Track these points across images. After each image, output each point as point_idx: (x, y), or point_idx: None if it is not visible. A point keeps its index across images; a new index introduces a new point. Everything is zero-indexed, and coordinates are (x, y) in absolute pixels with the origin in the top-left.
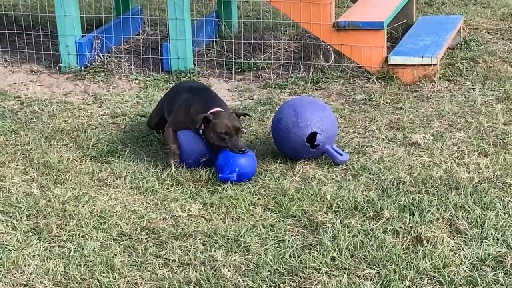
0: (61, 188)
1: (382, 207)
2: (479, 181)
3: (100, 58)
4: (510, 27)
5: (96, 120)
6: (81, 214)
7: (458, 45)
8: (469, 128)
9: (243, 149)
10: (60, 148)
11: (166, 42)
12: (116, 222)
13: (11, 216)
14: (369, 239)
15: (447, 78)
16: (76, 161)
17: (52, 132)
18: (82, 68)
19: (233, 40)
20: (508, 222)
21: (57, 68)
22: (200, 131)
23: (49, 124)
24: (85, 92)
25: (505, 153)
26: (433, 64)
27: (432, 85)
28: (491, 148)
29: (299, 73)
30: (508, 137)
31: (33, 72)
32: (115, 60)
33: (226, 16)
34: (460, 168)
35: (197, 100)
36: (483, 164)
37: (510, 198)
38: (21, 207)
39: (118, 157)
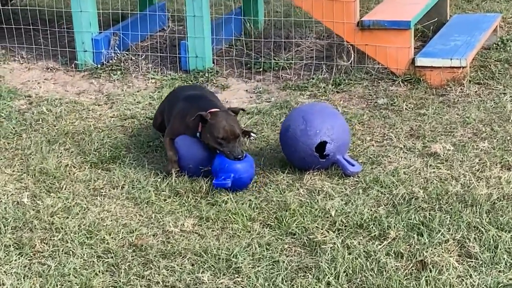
0: (53, 197)
1: (389, 226)
2: (498, 197)
3: (118, 56)
4: None
5: (104, 123)
6: (69, 227)
7: (494, 45)
8: (494, 137)
9: (239, 157)
10: (61, 153)
11: (184, 40)
12: (104, 237)
13: None
14: (370, 262)
15: (477, 81)
16: (75, 167)
17: (56, 135)
18: (99, 66)
19: (253, 39)
20: None
21: (73, 65)
22: (198, 133)
23: (55, 126)
24: (99, 92)
25: None
26: (463, 67)
27: (461, 89)
28: None
29: (321, 74)
30: None
31: (49, 70)
32: (133, 58)
33: (252, 12)
34: (479, 182)
35: (192, 108)
36: (505, 179)
37: None
38: (8, 219)
39: (120, 164)
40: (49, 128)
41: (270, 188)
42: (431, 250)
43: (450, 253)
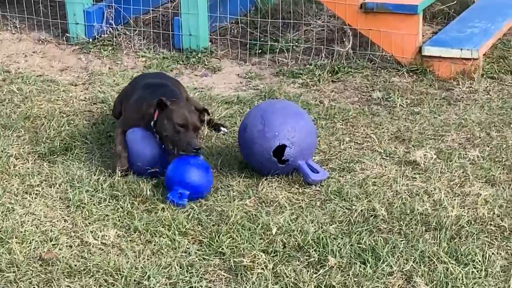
0: None
1: (333, 250)
2: (468, 221)
3: (111, 30)
4: None
5: (72, 107)
6: None
7: None
8: (488, 144)
9: (196, 148)
10: (12, 140)
11: (178, 17)
12: (13, 247)
13: None
14: None
15: (491, 75)
16: (19, 159)
17: (15, 120)
18: (90, 40)
19: (259, 18)
20: (479, 282)
21: (64, 38)
22: (152, 122)
23: (18, 108)
24: (83, 69)
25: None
26: (474, 59)
27: (470, 83)
28: (503, 175)
29: (320, 60)
30: None
31: (40, 42)
32: (127, 33)
33: None
34: (453, 200)
35: (151, 96)
36: (483, 198)
37: (496, 249)
38: None
39: (69, 156)
40: (11, 111)
41: (220, 195)
42: (369, 285)
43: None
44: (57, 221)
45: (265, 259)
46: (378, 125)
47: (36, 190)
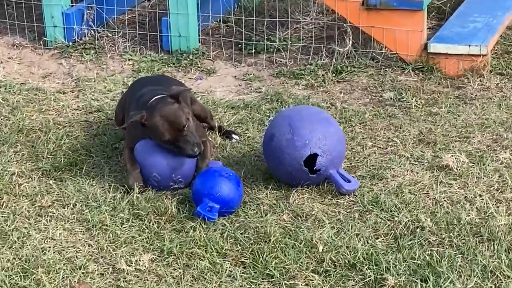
0: None
1: (388, 267)
2: None
3: (92, 32)
4: None
5: (66, 117)
6: (1, 262)
7: None
8: None
9: (196, 152)
10: (9, 156)
11: (166, 17)
12: (40, 277)
13: None
14: None
15: (499, 71)
16: (22, 177)
17: (7, 133)
18: (70, 43)
19: (243, 16)
20: None
21: (41, 42)
22: None
23: (8, 120)
24: (67, 75)
25: None
26: (483, 55)
27: (480, 81)
28: None
29: (320, 59)
30: None
31: (15, 46)
32: (109, 35)
33: None
34: (498, 207)
35: (137, 102)
36: None
37: None
38: None
39: (76, 172)
40: (1, 123)
41: (249, 209)
42: None
43: None
44: (81, 246)
45: (319, 280)
46: (398, 128)
47: (50, 212)
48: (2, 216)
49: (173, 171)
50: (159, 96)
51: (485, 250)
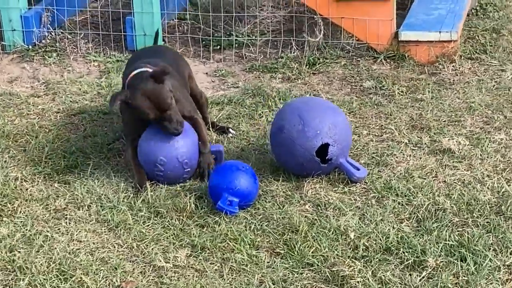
0: (8, 224)
1: (424, 250)
2: None
3: (52, 34)
4: None
5: (49, 120)
6: (35, 266)
7: (473, 10)
8: (510, 127)
9: (179, 131)
10: (5, 161)
11: (130, 16)
12: (81, 278)
13: None
14: None
15: (468, 56)
16: (26, 181)
17: None
18: (30, 47)
19: (199, 12)
20: None
21: None
22: None
23: None
24: (34, 78)
25: None
26: (453, 41)
27: (453, 66)
28: None
29: (290, 52)
30: None
31: None
32: (69, 37)
33: None
34: (510, 186)
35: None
36: None
37: None
38: None
39: (79, 174)
40: None
41: (266, 202)
42: (484, 283)
43: (505, 284)
44: (110, 246)
45: (360, 266)
46: (388, 115)
47: (66, 214)
48: (20, 221)
49: (178, 153)
50: (138, 70)
51: (511, 228)
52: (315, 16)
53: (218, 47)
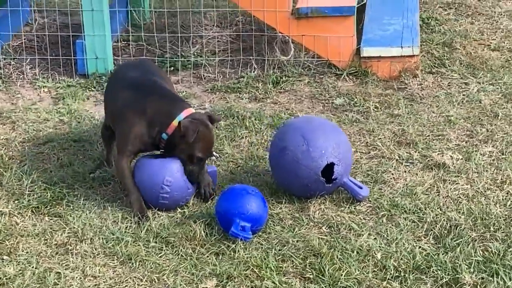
0: (11, 262)
1: (455, 267)
2: None
3: None
4: None
5: (17, 150)
6: None
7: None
8: (494, 139)
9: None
10: None
11: (80, 39)
12: None
13: None
14: None
15: (429, 70)
16: (15, 216)
17: None
18: None
19: (143, 33)
20: None
21: None
22: (164, 135)
23: None
24: None
25: None
26: (415, 55)
27: (417, 80)
28: None
29: (251, 71)
30: None
31: None
32: (13, 63)
33: (138, 1)
34: None
35: (152, 98)
36: None
37: None
38: None
39: (68, 206)
40: None
41: (275, 225)
42: None
43: None
44: (130, 280)
45: (398, 286)
46: (371, 132)
47: (70, 250)
48: (24, 259)
49: (182, 171)
50: (194, 112)
51: None
52: (267, 34)
53: (172, 68)
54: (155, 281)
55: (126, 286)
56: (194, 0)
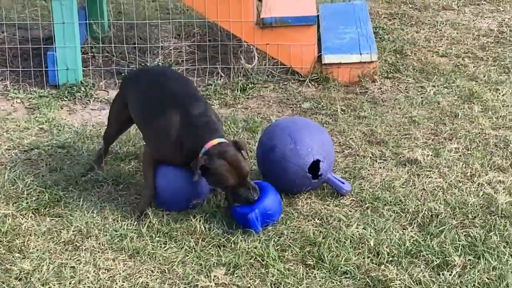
0: (26, 259)
1: (443, 251)
2: None
3: None
4: (403, 10)
5: (5, 157)
6: None
7: None
8: (458, 137)
9: (255, 197)
10: None
11: (51, 51)
12: None
13: None
14: None
15: (385, 75)
16: (18, 217)
17: None
18: None
19: (100, 44)
20: None
21: None
22: (198, 167)
23: None
24: None
25: None
26: (374, 61)
27: (376, 85)
28: (502, 160)
29: (218, 80)
30: (510, 145)
31: None
32: None
33: (96, 13)
34: (487, 190)
35: (188, 126)
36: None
37: None
38: None
39: (66, 206)
40: None
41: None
42: None
43: None
44: (142, 271)
45: (394, 270)
46: (342, 132)
47: (79, 246)
48: (37, 256)
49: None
50: (220, 141)
51: (509, 226)
52: (232, 44)
53: None
54: (166, 272)
55: (140, 277)
56: (150, 13)
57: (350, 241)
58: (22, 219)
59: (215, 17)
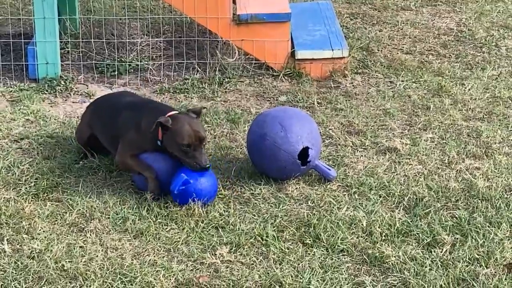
0: (35, 240)
1: (432, 231)
2: (503, 189)
3: None
4: (363, 10)
5: None
6: (95, 272)
7: None
8: (432, 127)
9: (206, 166)
10: None
11: (31, 46)
12: (149, 280)
13: None
14: (465, 274)
15: (355, 71)
16: (20, 202)
17: None
18: None
19: (78, 39)
20: None
21: None
22: (159, 142)
23: None
24: None
25: (498, 154)
26: (345, 57)
27: (347, 80)
28: (477, 149)
29: (194, 74)
30: (482, 135)
31: None
32: None
33: (68, 11)
34: (465, 175)
35: (144, 115)
36: (489, 169)
37: None
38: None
39: (65, 191)
40: None
41: (260, 203)
42: (506, 250)
43: None
44: (150, 249)
45: (390, 248)
46: (321, 123)
47: (84, 228)
48: (44, 236)
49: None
50: (179, 111)
51: (490, 207)
52: (209, 39)
53: (116, 72)
54: (171, 251)
55: (147, 255)
56: (117, 11)
57: (343, 222)
58: (24, 203)
59: (192, 14)
